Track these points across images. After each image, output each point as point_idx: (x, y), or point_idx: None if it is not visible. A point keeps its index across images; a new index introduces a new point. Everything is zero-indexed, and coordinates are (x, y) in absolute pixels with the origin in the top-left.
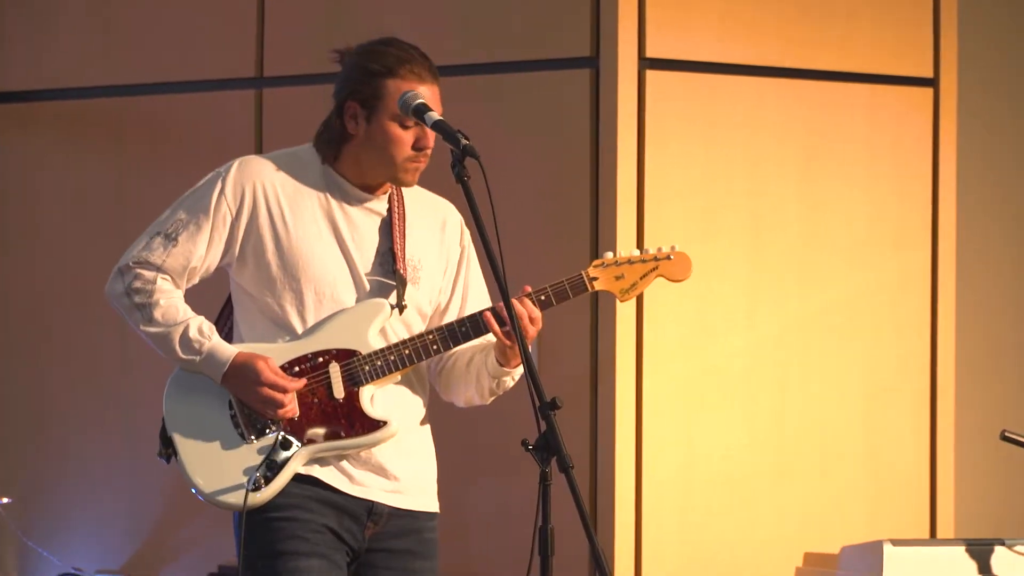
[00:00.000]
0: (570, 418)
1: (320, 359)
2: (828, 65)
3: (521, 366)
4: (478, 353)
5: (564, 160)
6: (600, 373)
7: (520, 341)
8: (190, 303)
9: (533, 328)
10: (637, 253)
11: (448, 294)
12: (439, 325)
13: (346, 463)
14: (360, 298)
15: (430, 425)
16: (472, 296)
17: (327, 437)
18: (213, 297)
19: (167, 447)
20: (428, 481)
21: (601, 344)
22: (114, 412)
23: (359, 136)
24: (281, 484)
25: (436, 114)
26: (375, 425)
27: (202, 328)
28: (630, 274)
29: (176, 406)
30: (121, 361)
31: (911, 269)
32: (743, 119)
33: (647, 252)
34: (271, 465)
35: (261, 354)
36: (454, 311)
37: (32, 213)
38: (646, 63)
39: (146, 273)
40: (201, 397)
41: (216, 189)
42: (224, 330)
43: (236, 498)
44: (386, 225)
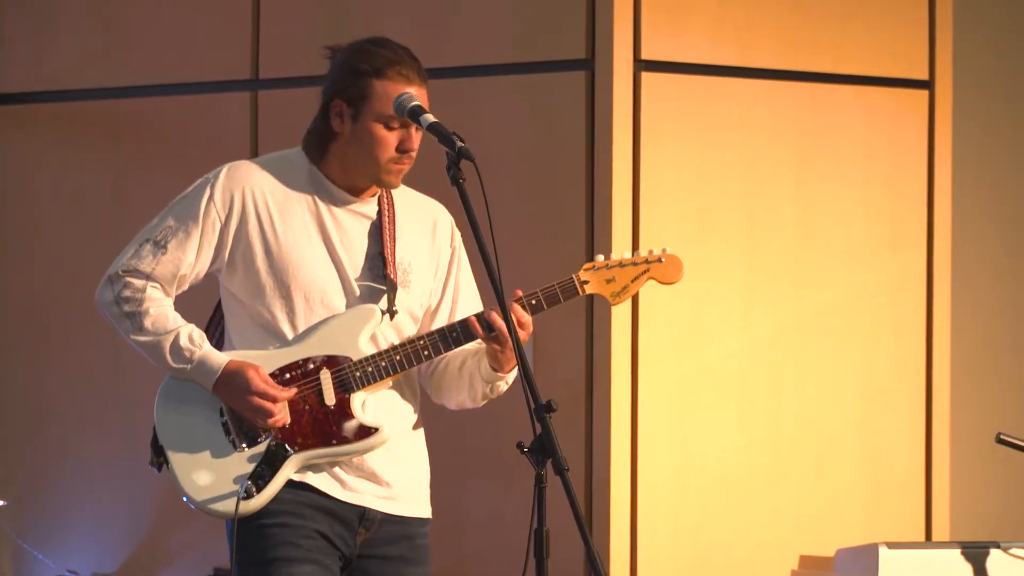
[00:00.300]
0: (565, 420)
1: (311, 366)
2: (823, 67)
3: (515, 370)
4: (470, 357)
5: (559, 162)
6: (595, 375)
7: (516, 344)
8: (180, 309)
9: (524, 332)
10: (628, 256)
11: (438, 296)
12: (430, 331)
13: (339, 469)
14: (350, 304)
15: (423, 429)
16: (463, 298)
17: (319, 444)
18: (203, 303)
19: (158, 456)
20: (421, 487)
21: (596, 346)
22: (111, 414)
23: (344, 135)
24: (273, 491)
25: (431, 116)
26: (367, 432)
27: (192, 336)
28: (621, 277)
29: (167, 415)
30: (118, 362)
31: (907, 271)
32: (738, 121)
33: (638, 255)
34: (262, 473)
35: (252, 362)
36: (444, 313)
37: (30, 213)
38: (641, 65)
39: (135, 281)
40: (192, 405)
41: (205, 195)
42: (214, 336)
43: (228, 506)
44: (376, 229)
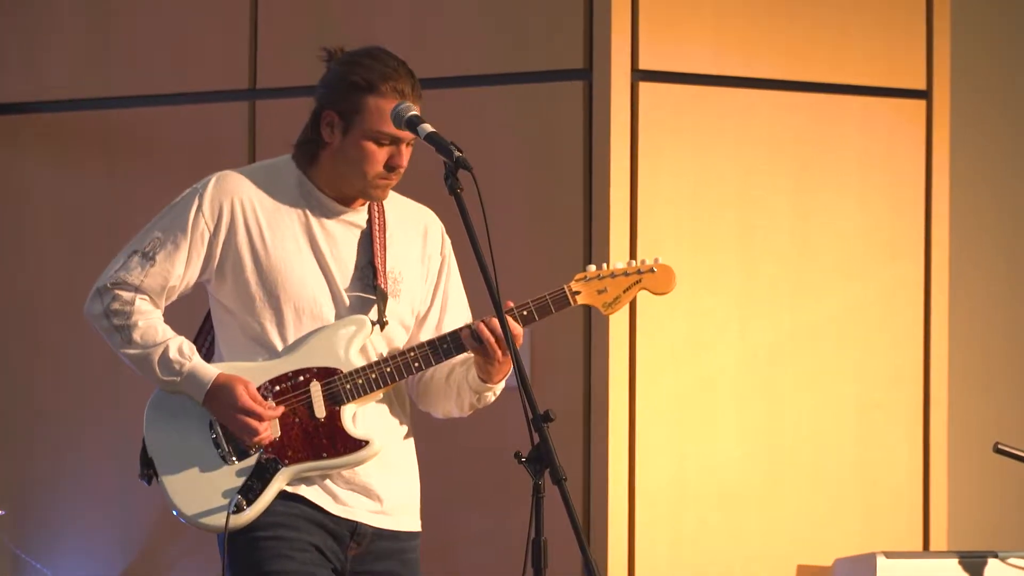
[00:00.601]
0: (563, 430)
1: (300, 378)
2: (821, 77)
3: (503, 381)
4: (458, 367)
5: (557, 172)
6: (593, 385)
7: (514, 355)
8: (168, 319)
9: (492, 338)
10: (620, 266)
11: (427, 304)
12: (420, 343)
13: (330, 482)
14: (340, 314)
15: (413, 438)
16: (452, 306)
17: (309, 457)
18: (191, 314)
19: (147, 468)
20: (412, 500)
21: (594, 356)
22: (108, 423)
23: (333, 146)
24: (263, 505)
25: (429, 126)
26: (357, 445)
27: (182, 348)
28: (613, 287)
29: (156, 427)
30: (113, 371)
31: (904, 281)
32: (736, 131)
33: (630, 265)
34: (253, 486)
35: (241, 376)
36: (433, 321)
37: (25, 224)
38: (639, 75)
39: (124, 294)
40: (182, 418)
41: (193, 206)
42: (204, 347)
43: (219, 520)
44: (366, 238)
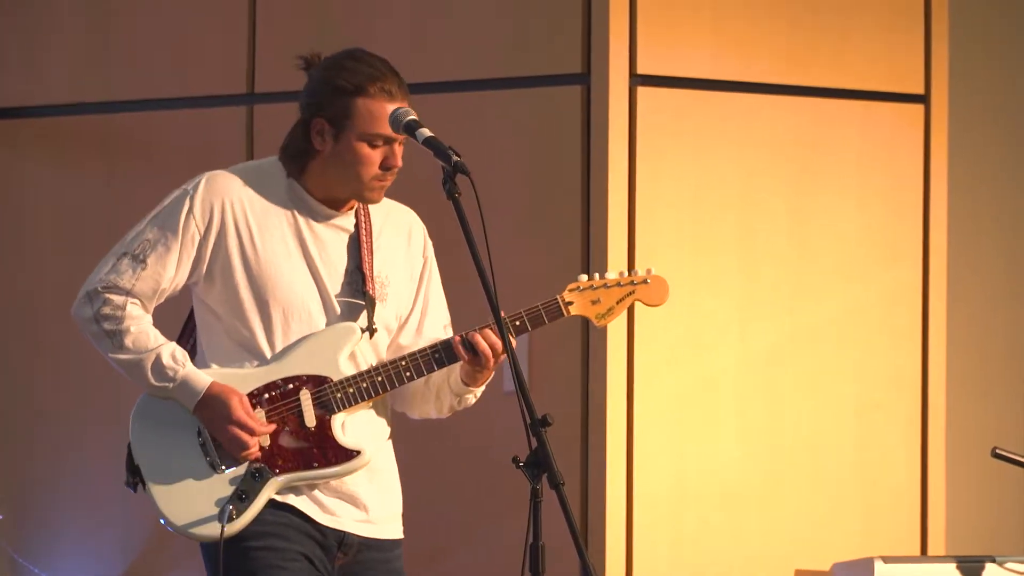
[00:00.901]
0: (561, 434)
1: (290, 385)
2: (820, 81)
3: (485, 385)
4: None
5: (555, 176)
6: (591, 388)
7: (512, 359)
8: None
9: (488, 350)
10: (613, 276)
11: (409, 307)
12: (412, 352)
13: (318, 492)
14: (330, 320)
15: (392, 441)
16: (432, 310)
17: (300, 467)
18: (173, 314)
19: (134, 476)
20: (396, 507)
21: (592, 359)
22: (105, 426)
23: (325, 152)
24: (253, 514)
25: (427, 131)
26: (349, 455)
27: (175, 355)
28: (606, 298)
29: (143, 434)
30: (113, 372)
31: (902, 284)
32: (735, 135)
33: (623, 276)
34: (243, 496)
35: (235, 388)
36: (413, 324)
37: (23, 228)
38: (637, 79)
39: (115, 298)
40: (169, 425)
41: (184, 208)
42: (187, 347)
43: (207, 529)
44: (354, 242)
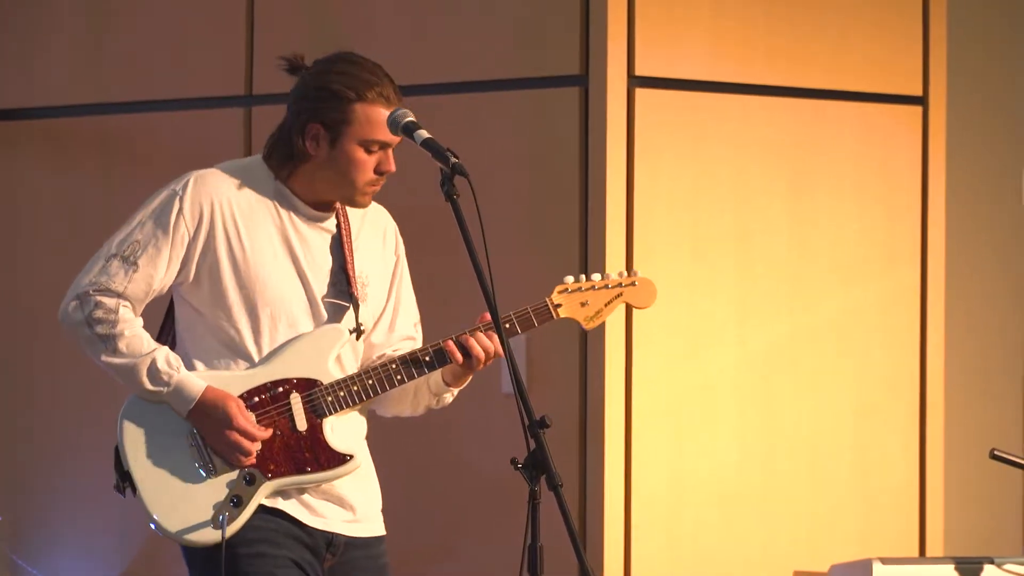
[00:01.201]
0: (559, 436)
1: (280, 389)
2: (817, 83)
3: (463, 386)
4: None
5: (553, 178)
6: (589, 390)
7: (510, 362)
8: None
9: (483, 355)
10: (599, 278)
11: (382, 305)
12: (402, 355)
13: (307, 495)
14: (317, 322)
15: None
16: (403, 307)
17: (292, 471)
18: (150, 310)
19: (124, 481)
20: (377, 504)
21: (590, 361)
22: (104, 427)
23: (319, 157)
24: (245, 519)
25: (425, 132)
26: (342, 459)
27: (169, 359)
28: (594, 301)
29: (132, 438)
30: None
31: (900, 286)
32: (733, 137)
33: (610, 278)
34: (236, 501)
35: (231, 394)
36: (386, 322)
37: (21, 231)
38: (635, 81)
39: (108, 301)
40: (159, 429)
41: (174, 208)
42: (167, 340)
43: (200, 535)
44: (336, 243)
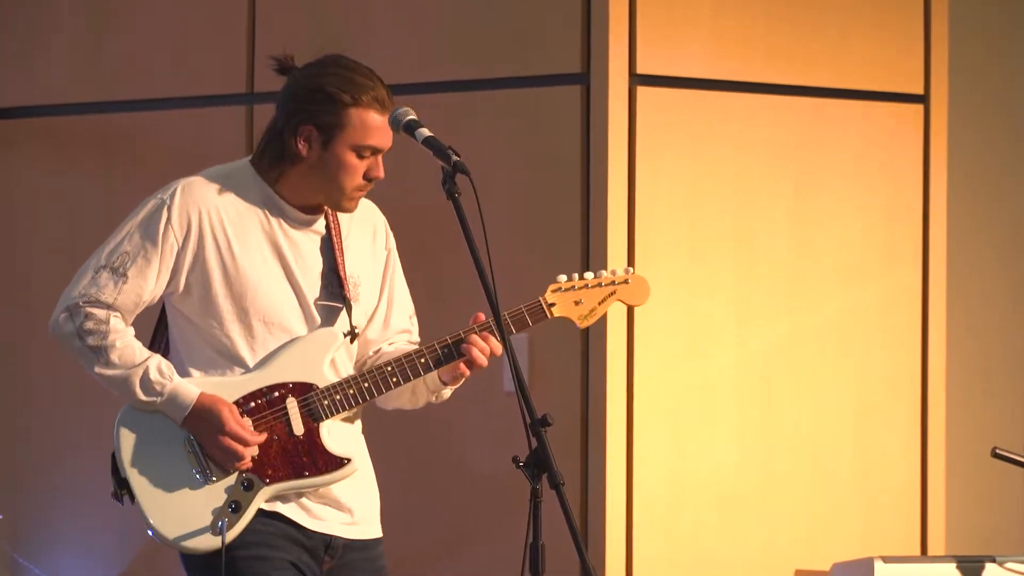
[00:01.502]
0: (561, 435)
1: (276, 393)
2: (819, 82)
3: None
4: None
5: (555, 176)
6: (591, 389)
7: (512, 360)
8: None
9: (484, 359)
10: (592, 276)
11: (375, 301)
12: (398, 357)
13: (305, 498)
14: (309, 326)
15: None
16: (397, 301)
17: (290, 476)
18: (142, 317)
19: (121, 488)
20: (375, 506)
21: (592, 360)
22: (103, 427)
23: (310, 160)
24: (244, 525)
25: (427, 131)
26: (339, 463)
27: (162, 368)
28: (588, 299)
29: (130, 446)
30: None
31: (902, 286)
32: (734, 135)
33: (602, 275)
34: (235, 507)
35: (224, 399)
36: (380, 318)
37: (22, 230)
38: (637, 79)
39: (98, 312)
40: (155, 437)
41: (162, 218)
42: (160, 347)
43: (198, 541)
44: (326, 244)
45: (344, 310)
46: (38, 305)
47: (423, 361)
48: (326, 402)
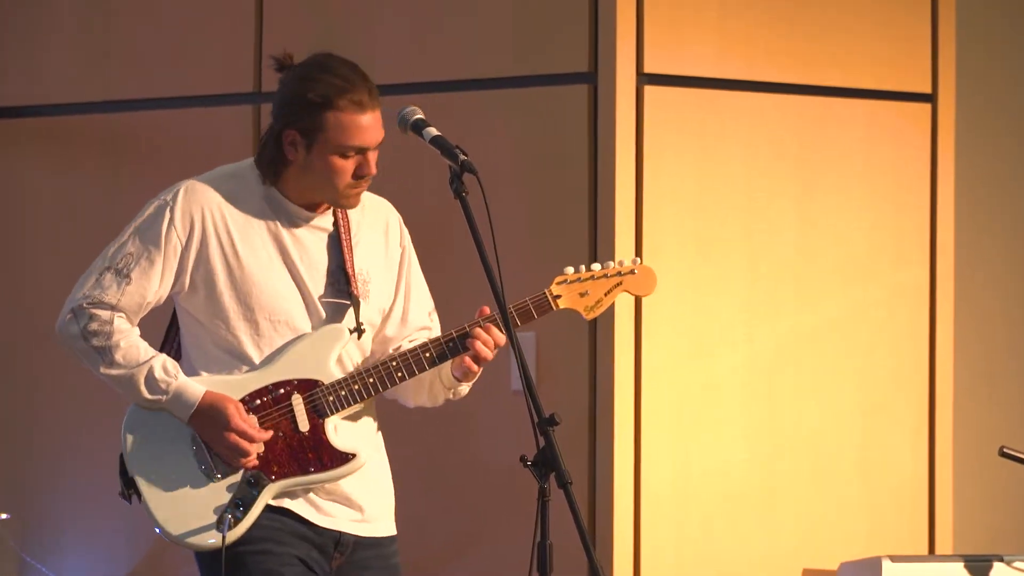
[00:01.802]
0: (569, 434)
1: (281, 390)
2: (826, 81)
3: (474, 379)
4: None
5: (562, 175)
6: (599, 388)
7: (520, 359)
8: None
9: (490, 352)
10: (599, 267)
11: (391, 298)
12: (403, 352)
13: (313, 494)
14: (315, 323)
15: (382, 436)
16: (414, 297)
17: (296, 472)
18: (153, 318)
19: (129, 488)
20: (389, 504)
21: (599, 359)
22: (108, 425)
23: (299, 163)
24: (251, 521)
25: (434, 130)
26: (345, 459)
27: (167, 367)
28: (594, 290)
29: (136, 444)
30: None
31: (909, 285)
32: (741, 135)
33: (609, 267)
34: (239, 503)
35: (230, 396)
36: (397, 314)
37: (25, 229)
38: (644, 79)
39: (102, 313)
40: (161, 435)
41: (165, 220)
42: (170, 352)
43: (204, 539)
44: (334, 241)
45: (351, 307)
46: (42, 305)
47: (428, 355)
48: (331, 398)
